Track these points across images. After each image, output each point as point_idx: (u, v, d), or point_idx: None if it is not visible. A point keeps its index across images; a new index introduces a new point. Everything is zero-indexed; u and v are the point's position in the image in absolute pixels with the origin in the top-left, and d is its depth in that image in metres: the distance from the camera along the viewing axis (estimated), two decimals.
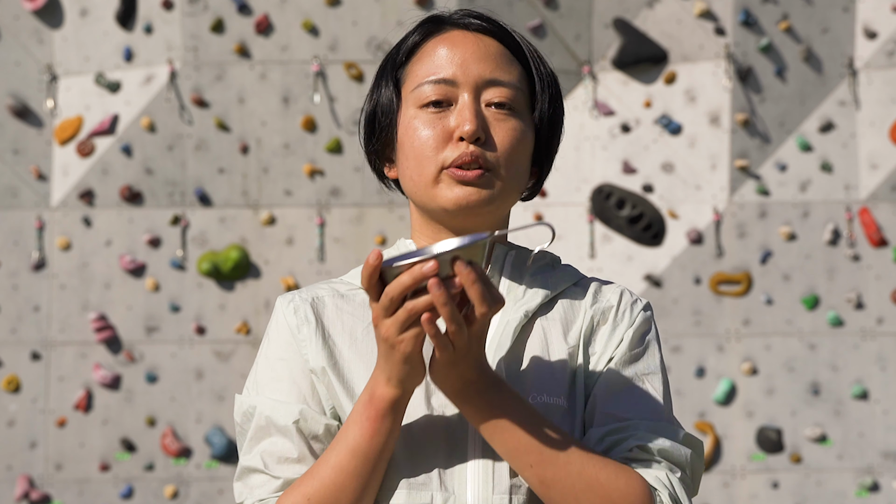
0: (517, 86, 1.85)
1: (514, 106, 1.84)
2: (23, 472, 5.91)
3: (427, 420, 1.78)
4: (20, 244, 6.00)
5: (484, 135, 1.81)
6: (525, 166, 1.87)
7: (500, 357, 1.80)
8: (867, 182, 6.04)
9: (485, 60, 1.84)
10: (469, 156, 1.80)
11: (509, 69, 1.86)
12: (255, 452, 1.81)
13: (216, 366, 5.93)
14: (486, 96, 1.84)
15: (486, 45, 1.85)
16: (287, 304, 1.87)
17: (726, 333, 5.99)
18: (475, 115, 1.81)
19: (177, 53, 6.00)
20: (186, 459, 5.92)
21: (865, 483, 5.91)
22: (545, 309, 1.86)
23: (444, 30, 1.88)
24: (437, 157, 1.81)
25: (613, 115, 6.09)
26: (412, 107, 1.84)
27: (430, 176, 1.82)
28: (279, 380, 1.83)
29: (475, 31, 1.87)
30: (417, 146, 1.83)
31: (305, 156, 6.02)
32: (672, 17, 6.08)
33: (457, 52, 1.84)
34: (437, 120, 1.82)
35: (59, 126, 6.02)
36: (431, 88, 1.83)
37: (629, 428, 1.78)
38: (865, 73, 6.07)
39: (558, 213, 6.04)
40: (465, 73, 1.83)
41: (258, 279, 6.00)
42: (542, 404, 1.78)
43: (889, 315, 5.99)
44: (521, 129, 1.85)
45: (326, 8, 6.02)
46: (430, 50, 1.86)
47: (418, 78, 1.84)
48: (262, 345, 1.89)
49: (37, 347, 5.96)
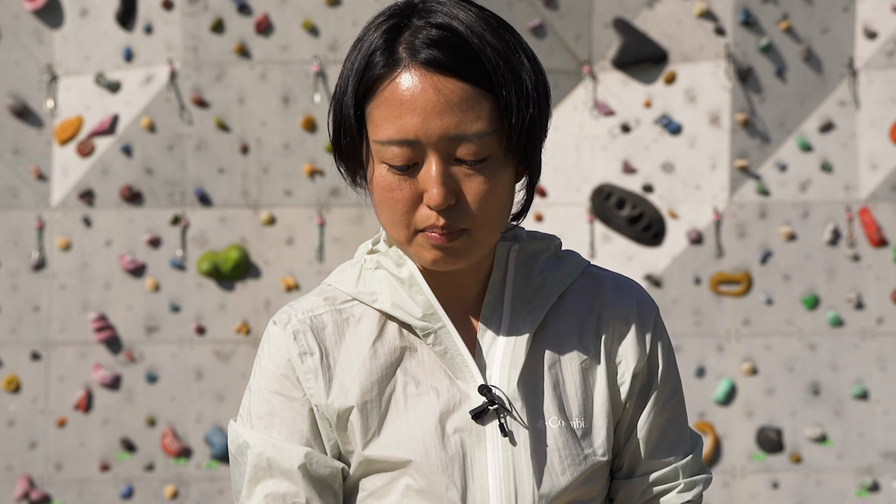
0: (486, 132, 1.67)
1: (486, 153, 1.68)
2: (23, 472, 5.91)
3: (442, 449, 1.70)
4: (20, 244, 6.00)
5: (454, 198, 1.68)
6: (505, 208, 1.73)
7: (517, 375, 1.73)
8: (867, 182, 6.04)
9: (447, 113, 1.65)
10: (439, 228, 1.68)
11: (477, 113, 1.66)
12: (258, 495, 1.74)
13: (216, 366, 5.94)
14: (453, 152, 1.67)
15: (446, 94, 1.65)
16: (284, 329, 1.76)
17: (726, 333, 5.99)
18: (441, 184, 1.66)
19: (177, 53, 6.00)
20: (186, 459, 5.92)
21: (865, 483, 5.91)
22: (556, 308, 1.79)
23: (401, 65, 1.67)
24: (408, 221, 1.69)
25: (613, 115, 6.09)
26: (378, 160, 1.71)
27: (405, 237, 1.71)
28: (276, 416, 1.74)
29: (434, 72, 1.66)
30: (387, 207, 1.71)
31: (305, 156, 6.02)
32: (672, 17, 6.08)
33: (417, 104, 1.65)
34: (404, 181, 1.68)
35: (59, 126, 6.02)
36: (395, 150, 1.67)
37: (674, 475, 1.82)
38: (865, 73, 6.07)
39: (558, 213, 6.04)
40: (427, 133, 1.66)
41: (258, 279, 6.00)
42: (564, 429, 1.73)
43: (889, 315, 5.99)
44: (494, 177, 1.68)
45: (326, 8, 6.02)
46: (388, 96, 1.67)
47: (380, 130, 1.68)
48: (256, 370, 1.79)
49: (37, 347, 5.96)
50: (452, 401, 1.72)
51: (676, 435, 1.82)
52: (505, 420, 1.71)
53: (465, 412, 1.71)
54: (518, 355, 1.74)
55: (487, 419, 1.71)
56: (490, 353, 1.75)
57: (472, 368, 1.73)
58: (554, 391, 1.74)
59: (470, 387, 1.73)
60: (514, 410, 1.72)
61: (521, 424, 1.72)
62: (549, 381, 1.75)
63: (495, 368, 1.74)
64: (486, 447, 1.71)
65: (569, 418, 1.74)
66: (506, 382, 1.72)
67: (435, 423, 1.71)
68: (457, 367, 1.74)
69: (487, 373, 1.74)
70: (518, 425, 1.72)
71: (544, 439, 1.72)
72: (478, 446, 1.71)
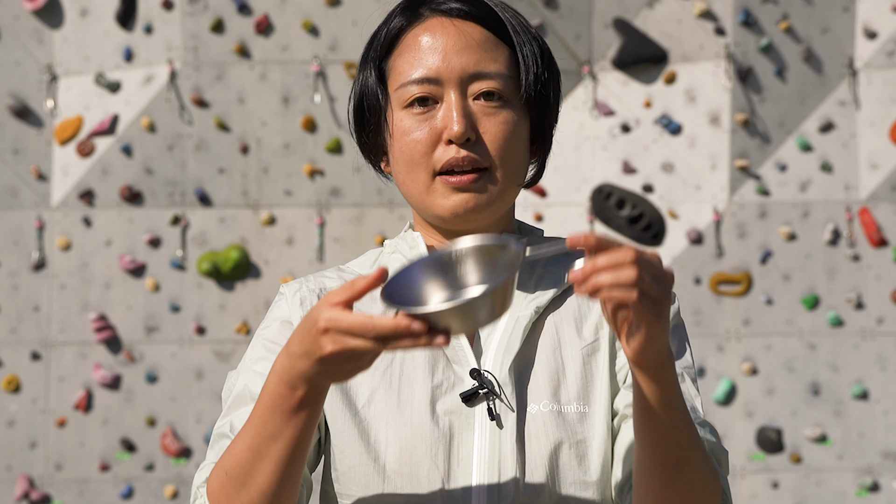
0: (504, 73, 1.76)
1: (504, 95, 1.76)
2: (23, 472, 5.92)
3: (430, 427, 1.71)
4: (20, 244, 6.00)
5: (474, 133, 1.73)
6: (522, 157, 1.78)
7: (510, 361, 1.74)
8: (867, 182, 6.04)
9: (468, 51, 1.74)
10: (460, 161, 1.72)
11: (495, 56, 1.76)
12: (227, 419, 1.75)
13: (216, 366, 5.94)
14: (473, 89, 1.74)
15: (468, 34, 1.75)
16: (293, 295, 1.81)
17: (726, 333, 5.99)
18: (462, 115, 1.72)
19: (177, 53, 6.00)
20: (186, 459, 5.92)
21: (865, 483, 5.91)
22: (557, 303, 1.79)
23: (424, 17, 1.78)
24: (427, 162, 1.74)
25: (613, 115, 6.09)
26: (398, 107, 1.76)
27: (424, 183, 1.75)
28: (266, 359, 1.76)
29: (456, 18, 1.77)
30: (406, 151, 1.75)
31: (305, 156, 6.02)
32: (672, 17, 6.08)
33: (438, 45, 1.74)
34: (423, 121, 1.74)
35: (59, 126, 6.02)
36: (415, 88, 1.74)
37: None
38: (865, 73, 6.07)
39: (558, 213, 6.04)
40: (449, 69, 1.73)
41: (258, 279, 6.00)
42: (555, 413, 1.72)
43: (889, 315, 5.99)
44: (512, 119, 1.76)
45: (326, 8, 6.02)
46: (410, 43, 1.77)
47: (402, 76, 1.76)
48: (261, 326, 1.82)
49: (37, 347, 5.96)
50: (446, 383, 1.74)
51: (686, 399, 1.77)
52: (493, 404, 1.72)
53: (456, 395, 1.73)
54: (514, 342, 1.75)
55: (477, 403, 1.72)
56: (488, 339, 1.77)
57: (467, 352, 1.75)
58: (551, 376, 1.74)
59: (464, 370, 1.74)
60: (504, 395, 1.72)
61: (510, 408, 1.72)
62: (547, 366, 1.75)
63: (490, 354, 1.75)
64: (473, 430, 1.71)
65: (566, 403, 1.73)
66: (498, 367, 1.73)
67: (426, 404, 1.72)
68: (453, 351, 1.75)
69: (483, 358, 1.75)
70: (506, 409, 1.72)
71: (533, 423, 1.72)
72: (466, 429, 1.71)
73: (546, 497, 1.71)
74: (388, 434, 1.72)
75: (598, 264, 1.45)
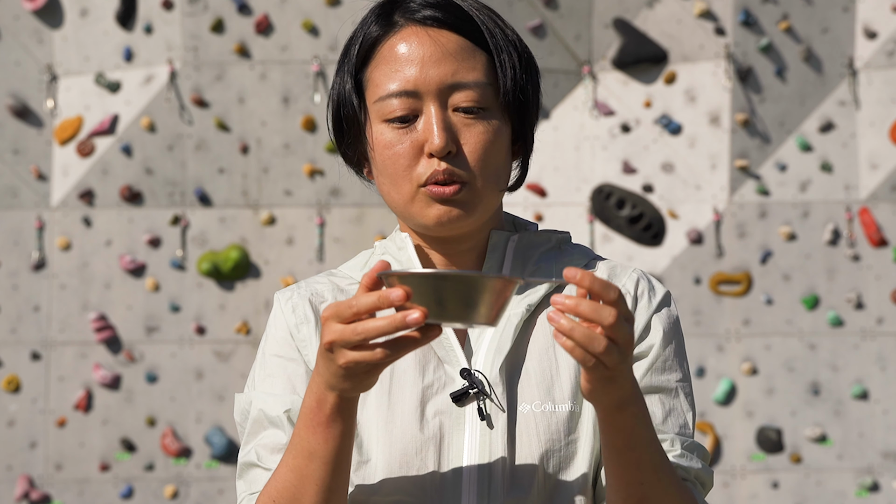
0: (483, 81, 1.74)
1: (483, 104, 1.74)
2: (23, 472, 5.92)
3: (420, 428, 1.72)
4: (20, 244, 6.00)
5: (454, 146, 1.73)
6: (503, 163, 1.78)
7: (501, 361, 1.74)
8: (867, 182, 6.04)
9: (444, 62, 1.73)
10: (441, 174, 1.72)
11: (472, 64, 1.75)
12: (251, 447, 1.77)
13: (216, 366, 5.94)
14: (453, 101, 1.73)
15: (442, 44, 1.74)
16: (285, 302, 1.82)
17: (726, 333, 5.99)
18: (442, 129, 1.72)
19: (177, 53, 6.01)
20: (186, 459, 5.92)
21: (865, 483, 5.91)
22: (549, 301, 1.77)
23: (399, 26, 1.77)
24: (410, 175, 1.74)
25: (613, 115, 6.09)
26: (378, 120, 1.76)
27: (408, 194, 1.75)
28: (274, 376, 1.78)
29: (430, 27, 1.75)
30: (389, 164, 1.75)
31: (305, 156, 6.02)
32: (672, 17, 6.08)
33: (414, 56, 1.73)
34: (404, 135, 1.74)
35: (59, 126, 6.02)
36: (395, 102, 1.74)
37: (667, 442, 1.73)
38: (865, 73, 6.07)
39: (558, 213, 6.04)
40: (427, 81, 1.73)
41: (258, 279, 6.00)
42: (546, 412, 1.72)
43: (889, 315, 5.99)
44: (492, 128, 1.75)
45: (326, 8, 6.02)
46: (386, 54, 1.76)
47: (379, 88, 1.76)
48: (262, 342, 1.84)
49: (37, 347, 5.96)
50: (437, 384, 1.75)
51: (671, 409, 1.77)
52: (483, 403, 1.72)
53: (447, 395, 1.73)
54: (505, 341, 1.75)
55: (468, 402, 1.72)
56: (479, 339, 1.77)
57: (457, 352, 1.75)
58: (543, 375, 1.74)
59: (455, 370, 1.75)
60: (494, 394, 1.73)
61: (500, 408, 1.72)
62: (540, 365, 1.75)
63: (481, 353, 1.75)
64: (464, 430, 1.72)
65: (560, 401, 1.74)
66: (489, 367, 1.74)
67: (416, 405, 1.73)
68: (444, 351, 1.76)
69: (474, 358, 1.76)
70: (496, 409, 1.72)
71: (524, 423, 1.72)
72: (456, 429, 1.72)
73: (536, 496, 1.71)
74: (379, 435, 1.73)
75: (579, 309, 1.49)
